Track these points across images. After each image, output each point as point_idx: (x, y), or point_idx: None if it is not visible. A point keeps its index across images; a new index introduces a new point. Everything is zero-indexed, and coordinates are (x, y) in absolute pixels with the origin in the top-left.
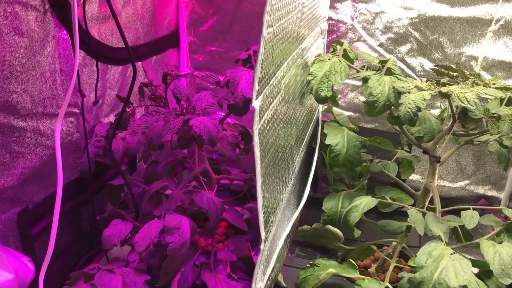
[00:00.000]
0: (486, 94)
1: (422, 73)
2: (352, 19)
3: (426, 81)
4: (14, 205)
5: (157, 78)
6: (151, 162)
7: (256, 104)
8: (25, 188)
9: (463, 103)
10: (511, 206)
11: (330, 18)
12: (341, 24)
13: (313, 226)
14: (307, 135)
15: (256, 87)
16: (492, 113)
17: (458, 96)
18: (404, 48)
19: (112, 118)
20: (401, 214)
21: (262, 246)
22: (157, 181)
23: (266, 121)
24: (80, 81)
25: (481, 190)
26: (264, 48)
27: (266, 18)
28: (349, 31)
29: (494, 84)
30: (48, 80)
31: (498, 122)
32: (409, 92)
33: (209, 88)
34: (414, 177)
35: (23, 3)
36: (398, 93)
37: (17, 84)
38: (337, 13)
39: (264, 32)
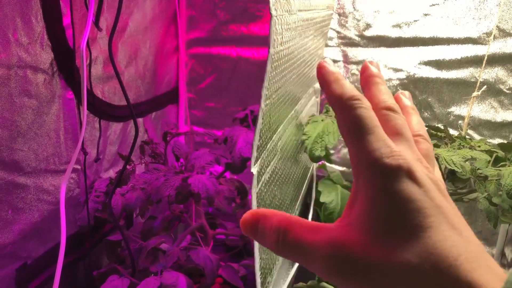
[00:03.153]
0: (471, 156)
1: None
2: None
3: None
4: (13, 261)
5: (156, 134)
6: (149, 217)
7: (254, 169)
8: (24, 244)
9: (450, 165)
10: (503, 262)
11: None
12: None
13: (309, 283)
14: (302, 191)
15: (255, 154)
16: (479, 173)
17: (445, 159)
18: None
19: (111, 173)
20: None
21: None
22: (154, 237)
23: (263, 184)
24: (83, 139)
25: None
26: (262, 118)
27: (264, 92)
28: None
29: (479, 146)
30: (52, 138)
31: (485, 182)
32: None
33: (206, 143)
34: None
35: (34, 67)
36: None
37: (23, 143)
38: None
39: (263, 104)
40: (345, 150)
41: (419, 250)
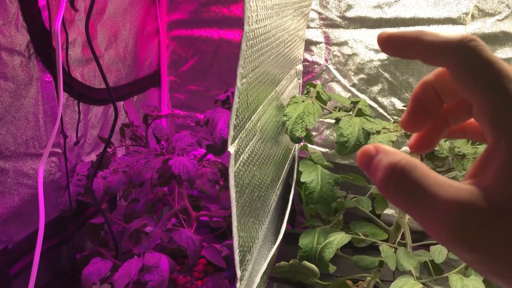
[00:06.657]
0: None
1: (393, 112)
2: (326, 60)
3: (394, 122)
4: None
5: (138, 117)
6: (131, 200)
7: (231, 149)
8: (5, 228)
9: None
10: None
11: (305, 60)
12: (315, 66)
13: (290, 262)
14: (284, 172)
15: (232, 133)
16: (457, 151)
17: None
18: (375, 88)
19: (93, 156)
20: (375, 249)
21: (238, 285)
22: (137, 219)
23: (241, 164)
24: (63, 121)
25: None
26: (239, 97)
27: (240, 71)
28: (324, 72)
29: None
30: (31, 122)
31: (462, 161)
32: (378, 133)
33: (189, 126)
34: (388, 211)
35: (9, 49)
36: (368, 134)
37: (0, 127)
38: (312, 55)
39: (238, 83)
40: (327, 132)
41: None
